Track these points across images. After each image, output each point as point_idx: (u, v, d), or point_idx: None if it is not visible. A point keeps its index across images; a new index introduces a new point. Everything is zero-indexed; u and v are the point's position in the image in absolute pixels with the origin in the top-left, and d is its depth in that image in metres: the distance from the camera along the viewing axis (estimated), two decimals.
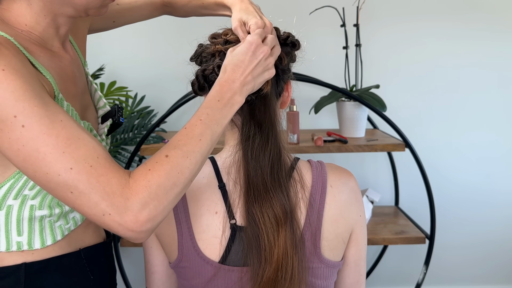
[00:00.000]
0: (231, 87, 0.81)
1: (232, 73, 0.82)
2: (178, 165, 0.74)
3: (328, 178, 0.92)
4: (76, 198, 0.69)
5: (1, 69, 0.69)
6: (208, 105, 0.80)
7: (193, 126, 0.78)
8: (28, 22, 0.82)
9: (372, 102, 1.83)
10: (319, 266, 0.90)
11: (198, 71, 0.91)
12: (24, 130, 0.68)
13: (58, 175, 0.69)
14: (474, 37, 2.18)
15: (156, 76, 2.19)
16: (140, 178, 0.71)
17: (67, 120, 0.71)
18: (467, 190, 2.28)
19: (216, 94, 0.80)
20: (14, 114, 0.68)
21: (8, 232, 0.83)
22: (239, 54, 0.83)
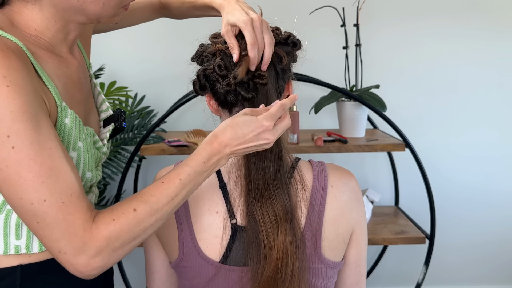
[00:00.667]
0: (221, 151, 0.80)
1: (229, 140, 0.80)
2: (142, 222, 0.74)
3: (329, 178, 0.92)
4: (40, 229, 0.71)
5: (5, 84, 0.68)
6: (192, 163, 0.79)
7: (171, 184, 0.77)
8: (38, 27, 0.81)
9: (372, 102, 1.83)
10: (320, 266, 0.90)
11: (199, 70, 0.91)
12: (12, 152, 0.68)
13: (30, 204, 0.69)
14: (474, 37, 2.18)
15: (156, 76, 2.19)
16: (102, 226, 0.72)
17: (55, 148, 0.72)
18: (467, 190, 2.28)
19: (205, 154, 0.79)
20: (8, 134, 0.68)
21: (6, 235, 0.83)
22: (245, 126, 0.80)
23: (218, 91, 0.89)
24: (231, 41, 0.88)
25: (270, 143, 0.82)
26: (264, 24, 0.88)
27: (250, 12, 0.89)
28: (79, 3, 0.80)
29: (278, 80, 0.91)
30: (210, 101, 0.93)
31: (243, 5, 0.93)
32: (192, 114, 2.20)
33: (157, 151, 1.76)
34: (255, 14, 0.89)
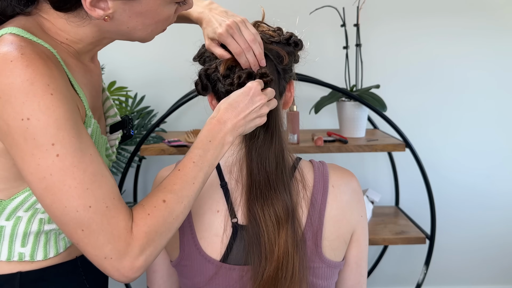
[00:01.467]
0: (222, 127, 0.81)
1: (225, 113, 0.82)
2: (174, 211, 0.75)
3: (330, 178, 0.92)
4: (85, 237, 0.69)
5: (49, 92, 0.67)
6: (199, 145, 0.80)
7: (187, 169, 0.78)
8: (70, 38, 0.80)
9: (372, 102, 1.83)
10: (320, 266, 0.90)
11: (201, 70, 0.91)
12: (57, 160, 0.67)
13: (76, 211, 0.68)
14: (474, 37, 2.18)
15: (156, 76, 2.19)
16: (141, 223, 0.72)
17: (95, 155, 0.72)
18: (467, 190, 2.28)
19: (208, 134, 0.81)
20: (53, 142, 0.67)
21: (12, 242, 0.82)
22: (236, 96, 0.83)
23: (220, 90, 0.89)
24: (217, 52, 0.90)
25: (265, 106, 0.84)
26: (240, 25, 0.88)
27: (224, 20, 0.89)
28: (128, 29, 0.79)
29: (280, 80, 0.91)
30: (211, 101, 0.94)
31: (217, 13, 0.93)
32: (192, 114, 2.20)
33: (157, 151, 1.76)
34: (229, 19, 0.89)
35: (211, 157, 0.80)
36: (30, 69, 0.67)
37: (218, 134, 0.81)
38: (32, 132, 0.66)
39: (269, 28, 0.94)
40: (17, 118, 0.66)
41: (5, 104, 0.67)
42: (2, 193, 0.79)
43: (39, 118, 0.66)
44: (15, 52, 0.68)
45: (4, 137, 0.70)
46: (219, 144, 0.81)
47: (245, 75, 0.86)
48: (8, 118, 0.67)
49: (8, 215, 0.80)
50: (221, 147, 0.81)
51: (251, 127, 0.85)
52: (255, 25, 0.94)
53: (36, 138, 0.67)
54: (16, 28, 0.73)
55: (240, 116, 0.82)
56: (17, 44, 0.69)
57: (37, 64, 0.68)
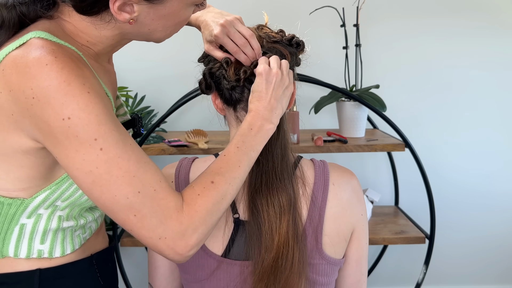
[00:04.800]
0: (259, 116, 0.85)
1: (258, 105, 0.86)
2: (222, 191, 0.78)
3: (331, 177, 0.93)
4: (138, 221, 0.72)
5: (86, 91, 0.70)
6: (242, 133, 0.85)
7: (232, 154, 0.82)
8: (91, 39, 0.82)
9: (372, 102, 1.83)
10: (321, 263, 0.91)
11: (205, 70, 0.94)
12: (101, 153, 0.70)
13: (126, 198, 0.71)
14: (474, 37, 2.19)
15: (156, 76, 2.19)
16: (192, 202, 0.75)
17: (134, 144, 0.74)
18: (467, 190, 2.28)
19: (248, 125, 0.85)
20: (95, 137, 0.70)
21: (31, 239, 0.84)
22: (256, 87, 0.87)
23: (224, 87, 0.91)
24: (216, 55, 0.92)
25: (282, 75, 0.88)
26: (235, 23, 0.91)
27: (219, 21, 0.91)
28: (149, 31, 0.81)
29: None
30: (215, 100, 0.96)
31: (213, 15, 0.95)
32: (192, 114, 2.20)
33: (157, 151, 1.76)
34: (223, 18, 0.91)
35: (254, 142, 0.84)
36: (65, 70, 0.70)
37: (257, 122, 0.85)
38: (74, 130, 0.69)
39: (272, 31, 0.96)
40: (58, 118, 0.69)
41: (45, 106, 0.69)
42: (25, 192, 0.81)
43: (79, 116, 0.69)
44: (49, 56, 0.70)
45: (45, 138, 0.72)
46: (259, 131, 0.85)
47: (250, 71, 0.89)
48: (49, 119, 0.69)
49: (29, 213, 0.82)
50: (264, 133, 0.85)
51: (286, 101, 0.89)
52: (258, 28, 0.95)
53: (78, 135, 0.69)
54: (43, 32, 0.74)
55: (268, 99, 0.86)
56: (49, 47, 0.71)
57: (71, 66, 0.70)
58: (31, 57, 0.70)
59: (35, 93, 0.69)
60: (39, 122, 0.71)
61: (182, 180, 0.94)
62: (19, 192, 0.80)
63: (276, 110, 0.87)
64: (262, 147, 0.85)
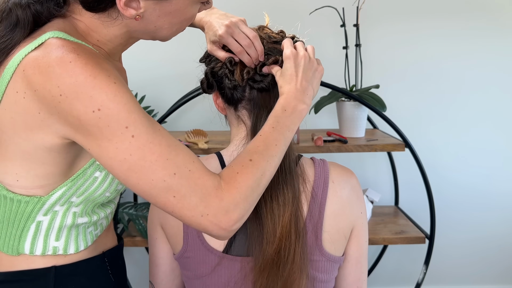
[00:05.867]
0: (292, 98, 0.87)
1: (289, 88, 0.87)
2: (260, 168, 0.79)
3: (330, 174, 0.94)
4: (178, 202, 0.73)
5: (112, 82, 0.72)
6: (276, 114, 0.86)
7: (268, 133, 0.83)
8: (101, 38, 0.83)
9: (372, 102, 1.83)
10: (320, 259, 0.91)
11: (207, 69, 0.95)
12: (133, 140, 0.71)
13: (163, 181, 0.72)
14: (474, 37, 2.19)
15: (156, 76, 2.19)
16: (231, 180, 0.76)
17: (162, 129, 0.76)
18: (467, 190, 2.28)
19: (281, 107, 0.86)
20: (126, 125, 0.71)
21: (47, 236, 0.85)
22: (285, 71, 0.89)
23: (226, 86, 0.91)
24: (219, 55, 0.93)
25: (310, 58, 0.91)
26: (239, 24, 0.92)
27: (224, 22, 0.93)
28: (155, 28, 0.82)
29: None
30: (216, 100, 0.97)
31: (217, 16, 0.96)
32: (192, 114, 2.20)
33: None
34: (228, 19, 0.93)
35: (289, 122, 0.85)
36: (89, 66, 0.71)
37: (290, 104, 0.86)
38: (105, 120, 0.70)
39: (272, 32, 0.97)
40: (88, 111, 0.70)
41: (73, 102, 0.70)
42: (43, 190, 0.82)
43: (109, 107, 0.70)
44: (71, 54, 0.71)
45: (76, 132, 0.73)
46: (293, 111, 0.86)
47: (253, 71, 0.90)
48: (79, 114, 0.71)
49: (46, 210, 0.83)
50: (298, 114, 0.87)
51: (317, 83, 0.92)
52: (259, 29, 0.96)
53: (110, 125, 0.71)
54: (60, 32, 0.75)
55: (299, 81, 0.88)
56: (69, 46, 0.73)
57: (93, 61, 0.72)
58: (54, 56, 0.71)
59: (63, 90, 0.70)
60: (68, 118, 0.72)
61: None
62: (37, 189, 0.81)
63: (308, 91, 0.88)
64: (297, 127, 0.87)
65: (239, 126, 0.95)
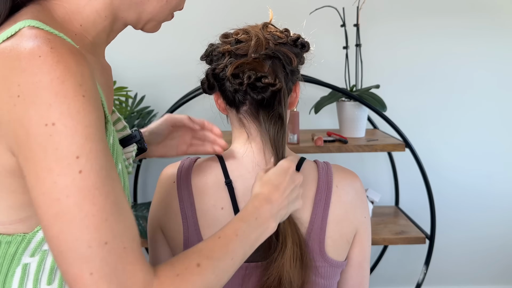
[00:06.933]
0: (268, 208, 0.77)
1: (271, 193, 0.79)
2: (206, 280, 0.65)
3: (334, 179, 0.93)
4: (92, 283, 0.56)
5: (81, 94, 0.57)
6: (245, 219, 0.74)
7: (228, 240, 0.70)
8: (84, 22, 0.70)
9: (372, 102, 1.83)
10: (323, 265, 0.90)
11: (208, 70, 0.92)
12: (78, 177, 0.55)
13: (88, 247, 0.55)
14: (474, 37, 2.18)
15: (156, 76, 2.19)
16: (167, 281, 0.61)
17: (117, 180, 0.59)
18: (467, 190, 2.28)
19: (255, 211, 0.76)
20: (78, 154, 0.55)
21: (37, 281, 0.68)
22: (277, 175, 0.81)
23: (227, 89, 0.89)
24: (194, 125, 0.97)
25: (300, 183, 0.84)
26: None
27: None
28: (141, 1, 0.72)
29: (287, 82, 0.92)
30: (217, 100, 0.95)
31: None
32: (192, 114, 2.17)
33: None
34: None
35: (254, 236, 0.74)
36: (61, 65, 0.57)
37: (265, 213, 0.76)
38: (55, 140, 0.55)
39: (277, 30, 0.94)
40: (40, 123, 0.55)
41: (29, 107, 0.56)
42: (24, 225, 0.66)
43: (66, 124, 0.55)
44: (44, 47, 0.58)
45: (19, 149, 0.58)
46: (263, 224, 0.75)
47: (254, 76, 0.86)
48: (30, 124, 0.56)
49: (33, 250, 0.67)
50: (264, 230, 0.76)
51: (291, 210, 0.82)
52: (263, 27, 0.94)
53: (59, 148, 0.55)
54: (34, 21, 0.62)
55: (284, 195, 0.80)
56: (44, 37, 0.59)
57: (68, 60, 0.58)
58: (23, 47, 0.58)
59: (22, 90, 0.56)
60: (18, 128, 0.56)
61: (184, 181, 0.93)
62: (17, 225, 0.66)
63: (282, 211, 0.80)
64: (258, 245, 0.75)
65: (241, 129, 0.93)
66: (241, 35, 0.91)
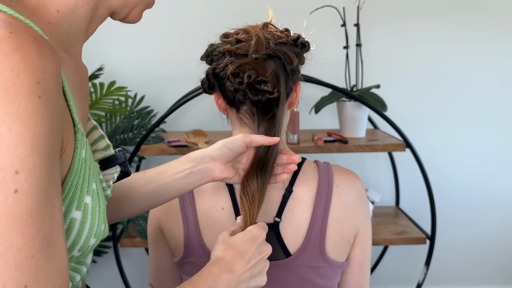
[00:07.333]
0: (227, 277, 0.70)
1: (233, 261, 0.71)
2: None
3: (335, 179, 0.93)
4: None
5: (37, 94, 0.46)
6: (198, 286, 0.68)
7: None
8: (62, 7, 0.58)
9: (373, 102, 1.83)
10: (324, 266, 0.90)
11: (208, 69, 0.92)
12: (11, 198, 0.44)
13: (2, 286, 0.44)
14: (474, 37, 2.18)
15: (156, 76, 2.18)
16: None
17: (57, 208, 0.49)
18: (467, 190, 2.28)
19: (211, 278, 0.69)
20: (17, 168, 0.45)
21: None
22: (243, 242, 0.74)
23: (228, 89, 0.89)
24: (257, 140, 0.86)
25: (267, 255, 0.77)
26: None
27: None
28: None
29: (287, 81, 0.92)
30: (218, 100, 0.94)
31: None
32: (192, 114, 2.20)
33: (157, 151, 1.75)
34: None
35: None
36: (19, 54, 0.47)
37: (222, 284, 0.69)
38: None
39: (277, 30, 0.94)
40: None
41: None
42: None
43: (11, 128, 0.45)
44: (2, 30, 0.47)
45: None
46: None
47: (254, 76, 0.86)
48: None
49: None
50: None
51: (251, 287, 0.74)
52: (263, 26, 0.94)
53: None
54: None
55: (247, 267, 0.72)
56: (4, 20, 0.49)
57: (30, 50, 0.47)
58: None
59: None
60: None
61: None
62: None
63: (242, 284, 0.72)
64: None
65: (242, 129, 0.93)
66: (242, 35, 0.91)
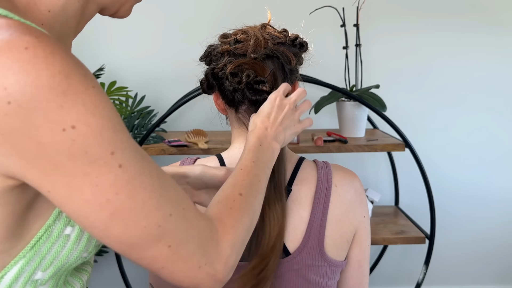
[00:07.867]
0: (266, 134, 0.81)
1: (263, 123, 0.83)
2: (251, 203, 0.70)
3: (333, 178, 0.93)
4: (174, 253, 0.55)
5: (91, 85, 0.48)
6: (253, 148, 0.79)
7: (250, 168, 0.75)
8: (53, 7, 0.56)
9: (372, 102, 1.83)
10: (323, 265, 0.90)
11: (207, 69, 0.92)
12: (120, 172, 0.50)
13: (158, 226, 0.53)
14: (474, 37, 2.18)
15: (156, 76, 2.19)
16: (225, 217, 0.64)
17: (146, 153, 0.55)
18: (467, 190, 2.28)
19: (256, 141, 0.80)
20: (112, 150, 0.49)
21: None
22: (265, 109, 0.84)
23: (226, 89, 0.90)
24: None
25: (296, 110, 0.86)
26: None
27: None
28: None
29: (286, 81, 0.92)
30: (217, 100, 0.95)
31: None
32: (192, 114, 2.20)
33: (157, 151, 1.76)
34: None
35: (266, 159, 0.79)
36: (57, 56, 0.46)
37: (266, 139, 0.81)
38: (81, 143, 0.47)
39: (275, 30, 0.95)
40: (56, 129, 0.46)
41: (31, 115, 0.45)
42: None
43: (89, 123, 0.47)
44: (27, 37, 0.46)
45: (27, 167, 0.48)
46: (268, 148, 0.80)
47: (253, 75, 0.87)
48: (40, 134, 0.46)
49: None
50: (272, 152, 0.81)
51: (291, 134, 0.86)
52: (262, 28, 0.95)
53: (88, 150, 0.48)
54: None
55: (276, 123, 0.83)
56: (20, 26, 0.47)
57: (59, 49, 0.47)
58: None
59: (12, 94, 0.44)
60: (19, 142, 0.46)
61: None
62: None
63: (280, 136, 0.83)
64: (271, 169, 0.81)
65: (241, 129, 0.94)
66: (240, 35, 0.91)
